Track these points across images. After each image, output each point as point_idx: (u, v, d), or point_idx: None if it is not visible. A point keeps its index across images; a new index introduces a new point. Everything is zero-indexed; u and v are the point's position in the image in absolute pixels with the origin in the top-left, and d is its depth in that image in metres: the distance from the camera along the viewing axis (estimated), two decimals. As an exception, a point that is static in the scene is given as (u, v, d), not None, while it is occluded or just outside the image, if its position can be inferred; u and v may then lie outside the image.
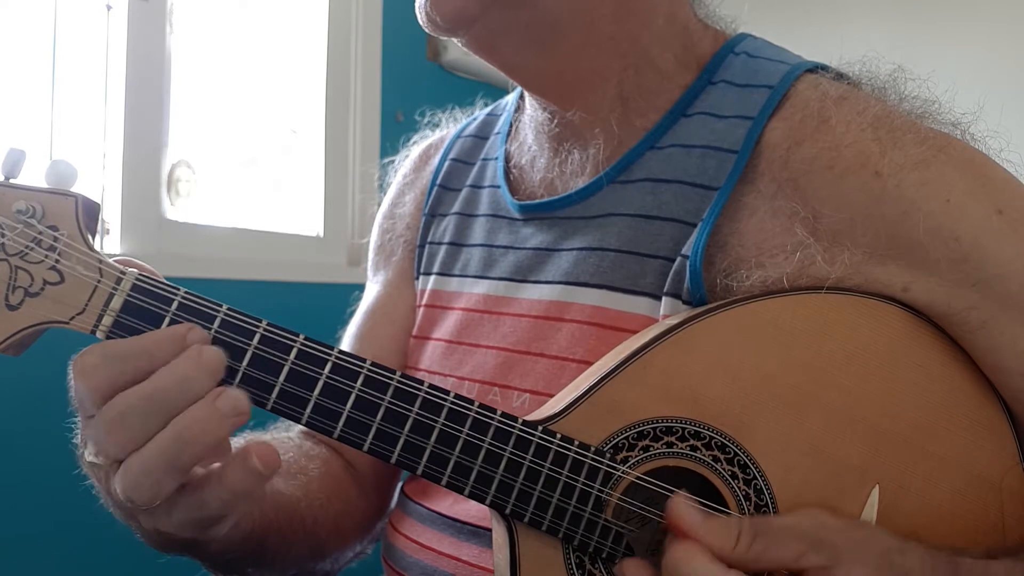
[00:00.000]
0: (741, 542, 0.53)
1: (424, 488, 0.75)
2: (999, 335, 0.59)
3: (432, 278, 0.83)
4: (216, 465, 0.53)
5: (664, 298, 0.64)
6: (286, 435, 0.81)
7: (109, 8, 1.64)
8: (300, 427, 0.82)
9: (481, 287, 0.77)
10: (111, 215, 1.64)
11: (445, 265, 0.82)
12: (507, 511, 0.56)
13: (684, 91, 0.70)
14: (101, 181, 1.64)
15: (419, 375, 0.79)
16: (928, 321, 0.61)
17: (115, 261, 0.55)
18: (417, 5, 0.67)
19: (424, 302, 0.83)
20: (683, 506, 0.54)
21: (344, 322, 0.90)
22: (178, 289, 0.54)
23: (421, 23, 0.67)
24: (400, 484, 0.83)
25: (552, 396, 0.63)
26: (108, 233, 1.63)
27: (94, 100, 1.63)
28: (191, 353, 0.51)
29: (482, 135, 0.86)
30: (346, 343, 0.88)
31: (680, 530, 0.53)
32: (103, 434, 0.51)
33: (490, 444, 0.56)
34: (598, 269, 0.69)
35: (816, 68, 0.68)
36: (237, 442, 0.59)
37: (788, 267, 0.61)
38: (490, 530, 0.60)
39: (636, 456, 0.57)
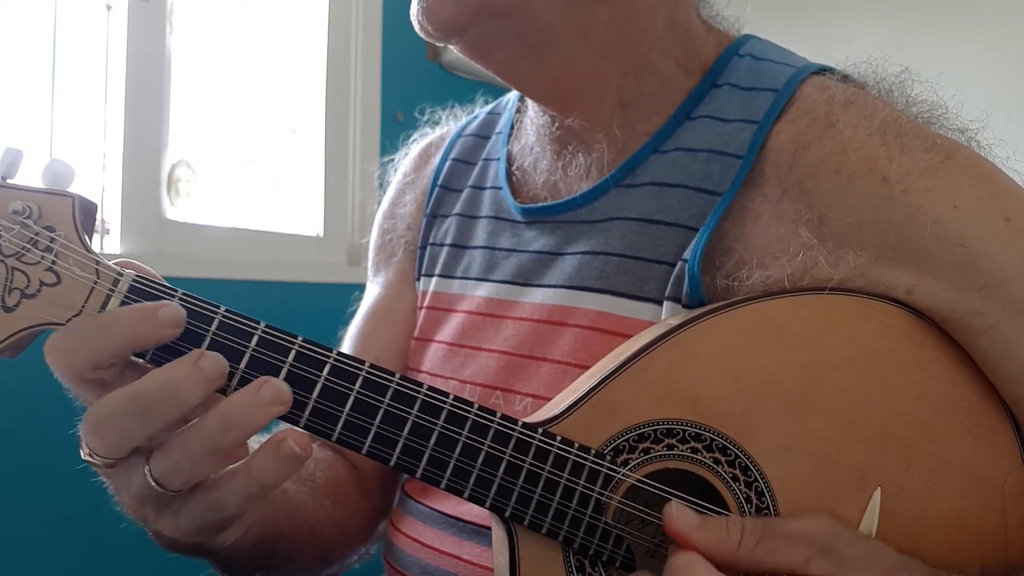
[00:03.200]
0: (745, 543, 0.52)
1: (425, 487, 0.75)
2: (1003, 340, 0.59)
3: (433, 280, 0.82)
4: (234, 465, 0.52)
5: (665, 303, 0.64)
6: None
7: (109, 8, 1.64)
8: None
9: (483, 290, 0.77)
10: (111, 215, 1.64)
11: (447, 267, 0.81)
12: (507, 514, 0.56)
13: (687, 95, 0.70)
14: (101, 181, 1.64)
15: (420, 377, 0.78)
16: (931, 323, 0.60)
17: (115, 263, 0.55)
18: (412, 13, 0.67)
19: (426, 304, 0.82)
20: (679, 511, 0.54)
21: (344, 322, 0.90)
22: (176, 290, 0.54)
23: (416, 30, 0.67)
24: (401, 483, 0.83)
25: None
26: (108, 233, 1.63)
27: (94, 100, 1.63)
28: (188, 359, 0.51)
29: (483, 134, 0.86)
30: (347, 344, 0.87)
31: (679, 536, 0.53)
32: (89, 434, 0.50)
33: (490, 447, 0.55)
34: (602, 274, 0.68)
35: (822, 70, 0.68)
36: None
37: (791, 268, 0.61)
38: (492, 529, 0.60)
39: (637, 458, 0.56)
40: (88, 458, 0.51)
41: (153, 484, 0.51)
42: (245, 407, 0.50)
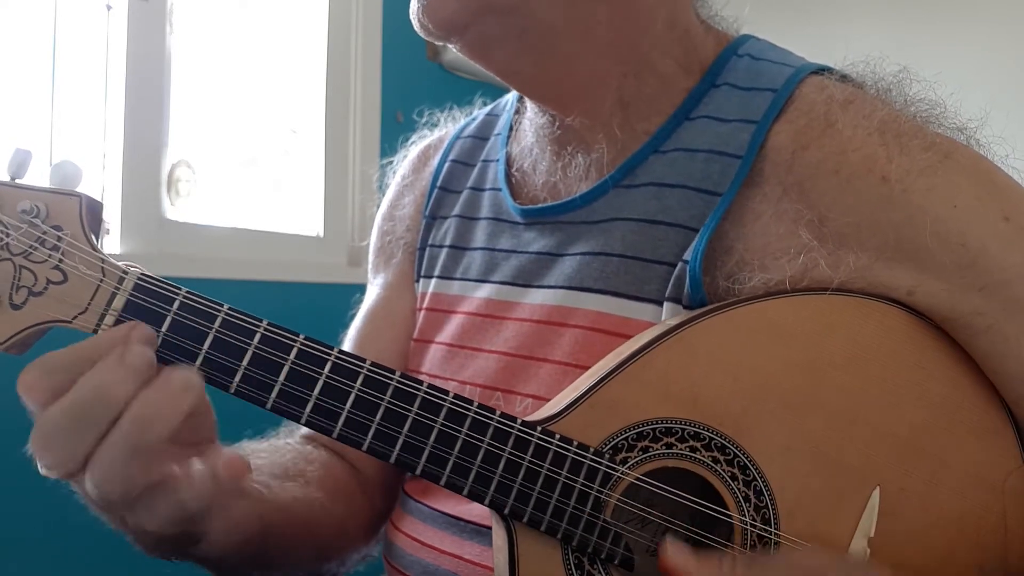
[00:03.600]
0: None
1: (425, 487, 0.75)
2: (1003, 340, 0.59)
3: (433, 281, 0.82)
4: (196, 465, 0.53)
5: (666, 303, 0.64)
6: (286, 440, 0.81)
7: (109, 8, 1.64)
8: (302, 431, 0.82)
9: (483, 291, 0.77)
10: (111, 215, 1.63)
11: (446, 269, 0.81)
12: (506, 511, 0.56)
13: (687, 95, 0.70)
14: (101, 181, 1.64)
15: (420, 378, 0.78)
16: (931, 323, 0.61)
17: None
18: (411, 11, 0.67)
19: (425, 305, 0.82)
20: (678, 550, 0.54)
21: (344, 322, 0.90)
22: (180, 289, 0.54)
23: (416, 28, 0.67)
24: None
25: None
26: (108, 233, 1.63)
27: (94, 100, 1.63)
28: (111, 358, 0.50)
29: (482, 136, 0.86)
30: (347, 346, 0.87)
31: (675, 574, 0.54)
32: (37, 454, 0.50)
33: (489, 444, 0.56)
34: (602, 274, 0.69)
35: (821, 70, 0.68)
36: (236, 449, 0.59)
37: (791, 269, 0.61)
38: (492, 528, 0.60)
39: (635, 457, 0.57)
40: (47, 473, 0.51)
41: (98, 497, 0.51)
42: (153, 403, 0.50)
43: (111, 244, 1.62)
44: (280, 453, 0.77)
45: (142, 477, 0.51)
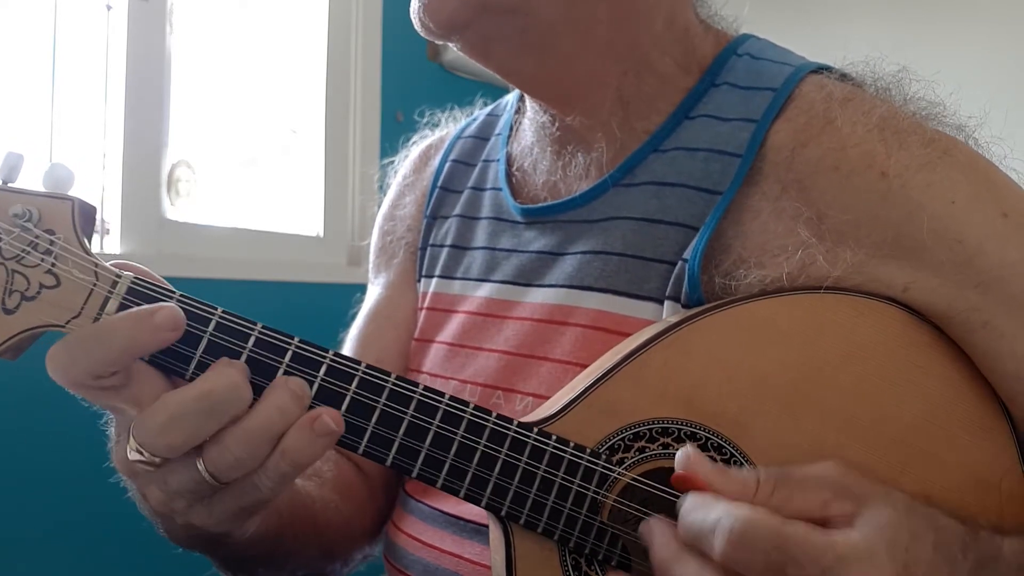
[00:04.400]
0: (761, 491, 0.51)
1: (425, 486, 0.75)
2: (1000, 337, 0.59)
3: (434, 281, 0.82)
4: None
5: (666, 302, 0.64)
6: None
7: (109, 8, 1.64)
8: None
9: (484, 290, 0.77)
10: (111, 215, 1.64)
11: (447, 268, 0.82)
12: (503, 513, 0.56)
13: (686, 94, 0.70)
14: (101, 181, 1.64)
15: (421, 378, 0.79)
16: (927, 321, 0.60)
17: (112, 264, 0.55)
18: (412, 10, 0.67)
19: (426, 305, 0.82)
20: (696, 456, 0.53)
21: (345, 323, 0.90)
22: (174, 292, 0.54)
23: (416, 28, 0.67)
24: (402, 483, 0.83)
25: None
26: (108, 233, 1.63)
27: (94, 100, 1.63)
28: (238, 367, 0.53)
29: (483, 136, 0.86)
30: (348, 345, 0.88)
31: (695, 482, 0.52)
32: (154, 434, 0.51)
33: (485, 446, 0.56)
34: (602, 273, 0.69)
35: (820, 69, 0.68)
36: None
37: (789, 267, 0.61)
38: None
39: (632, 457, 0.57)
40: (138, 457, 0.52)
41: (207, 478, 0.52)
42: (299, 446, 0.52)
43: (111, 244, 1.63)
44: None
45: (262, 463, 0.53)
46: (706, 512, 0.49)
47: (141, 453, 0.52)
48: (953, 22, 2.52)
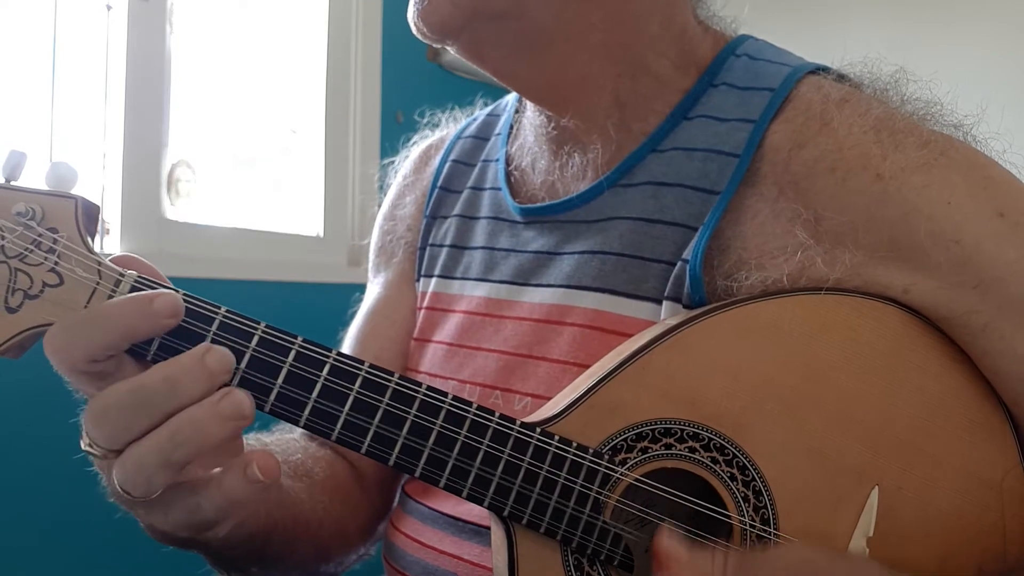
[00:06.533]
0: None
1: (425, 487, 0.75)
2: (999, 338, 0.59)
3: (433, 280, 0.82)
4: (217, 470, 0.52)
5: (665, 302, 0.64)
6: (291, 436, 0.81)
7: (109, 8, 1.64)
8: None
9: (482, 290, 0.77)
10: (111, 215, 1.64)
11: (446, 268, 0.82)
12: (505, 513, 0.56)
13: (684, 95, 0.70)
14: (101, 181, 1.64)
15: (420, 377, 0.79)
16: (928, 322, 0.61)
17: (117, 257, 0.55)
18: (408, 14, 0.67)
19: (425, 304, 0.83)
20: (671, 539, 0.54)
21: (344, 322, 0.90)
22: (177, 291, 0.54)
23: (412, 31, 0.68)
24: (401, 483, 0.83)
25: None
26: (108, 233, 1.63)
27: (94, 100, 1.63)
28: (194, 353, 0.50)
29: (482, 136, 0.86)
30: (347, 344, 0.88)
31: (667, 566, 0.53)
32: (90, 424, 0.50)
33: (488, 446, 0.56)
34: (600, 273, 0.69)
35: (818, 70, 0.68)
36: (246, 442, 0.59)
37: (788, 268, 0.61)
38: None
39: (635, 458, 0.57)
40: (87, 448, 0.51)
41: (119, 490, 0.51)
42: (198, 421, 0.49)
43: (111, 244, 1.63)
44: (290, 451, 0.77)
45: (164, 483, 0.51)
46: None
47: (87, 444, 0.51)
48: (951, 22, 2.53)
